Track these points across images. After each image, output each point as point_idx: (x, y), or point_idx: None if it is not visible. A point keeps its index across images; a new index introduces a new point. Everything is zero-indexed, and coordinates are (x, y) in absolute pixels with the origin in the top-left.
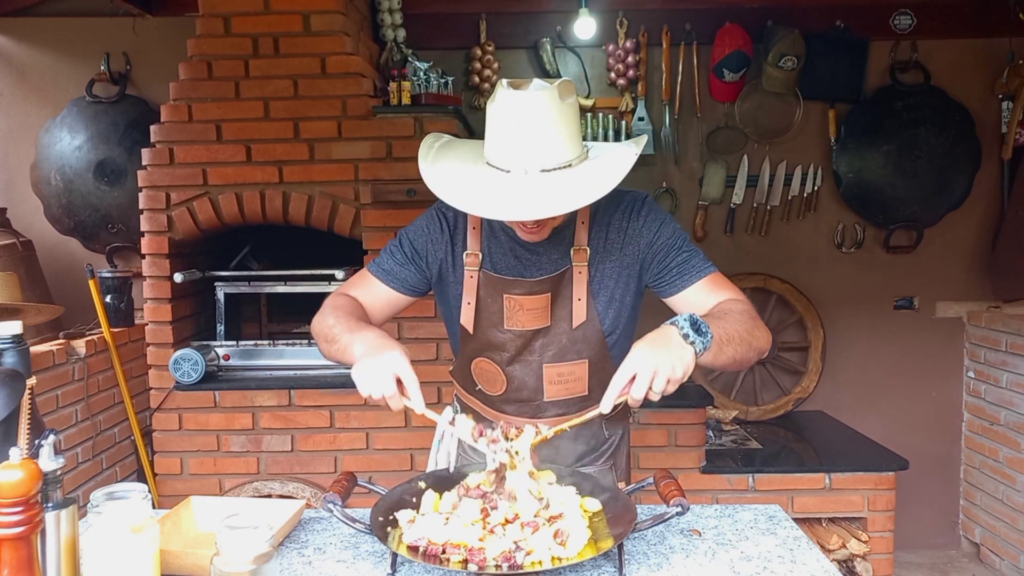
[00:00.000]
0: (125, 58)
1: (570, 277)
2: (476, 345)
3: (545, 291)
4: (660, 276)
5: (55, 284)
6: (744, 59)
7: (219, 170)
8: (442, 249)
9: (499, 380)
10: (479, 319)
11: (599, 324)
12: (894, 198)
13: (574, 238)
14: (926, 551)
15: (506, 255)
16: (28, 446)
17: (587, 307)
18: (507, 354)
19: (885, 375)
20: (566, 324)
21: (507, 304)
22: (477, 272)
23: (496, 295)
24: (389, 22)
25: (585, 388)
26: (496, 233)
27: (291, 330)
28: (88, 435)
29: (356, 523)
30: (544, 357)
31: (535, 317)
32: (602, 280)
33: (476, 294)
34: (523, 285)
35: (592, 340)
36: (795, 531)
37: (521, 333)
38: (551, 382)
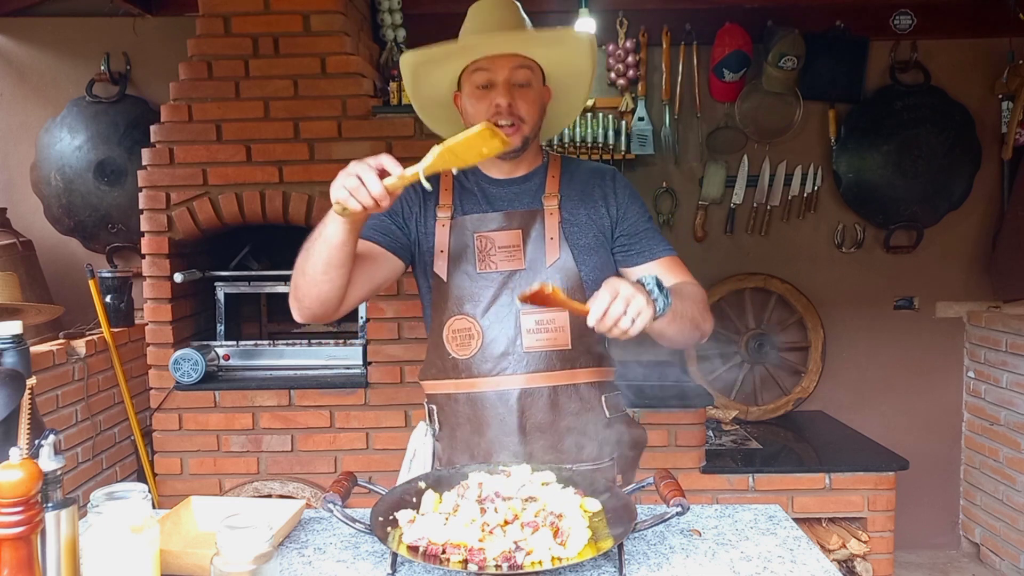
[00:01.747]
0: (125, 58)
1: (542, 217)
2: (450, 298)
3: (515, 227)
4: (628, 244)
5: (55, 284)
6: (744, 59)
7: (219, 170)
8: (417, 206)
9: (474, 335)
10: (452, 267)
11: (575, 266)
12: (894, 198)
13: (544, 187)
14: (926, 551)
15: (478, 203)
16: (28, 446)
17: (559, 246)
18: (482, 304)
19: (885, 375)
20: (540, 265)
21: (478, 243)
22: (449, 220)
23: (467, 236)
24: (389, 22)
25: (567, 341)
26: (467, 185)
27: (291, 330)
28: (88, 435)
29: (356, 523)
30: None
31: (508, 256)
32: (576, 226)
33: (448, 241)
34: (493, 220)
35: (570, 283)
36: (795, 531)
37: (495, 276)
38: (529, 331)
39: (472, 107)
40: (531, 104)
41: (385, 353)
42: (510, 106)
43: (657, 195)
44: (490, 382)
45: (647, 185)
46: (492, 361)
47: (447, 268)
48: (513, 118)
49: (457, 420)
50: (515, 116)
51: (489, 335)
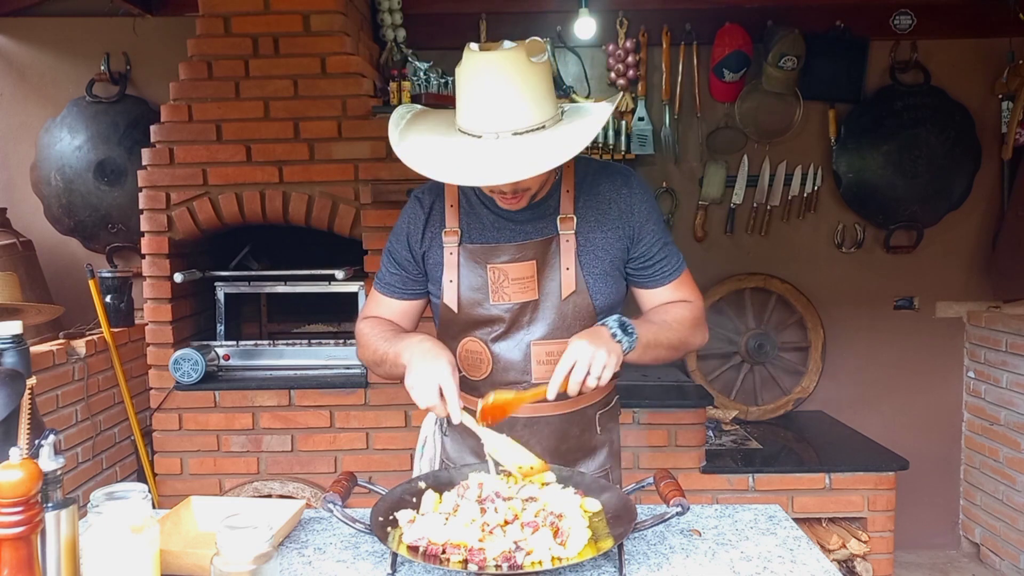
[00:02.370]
0: (125, 58)
1: (557, 246)
2: (461, 326)
3: (530, 258)
4: (643, 268)
5: (55, 284)
6: (744, 59)
7: (219, 170)
8: (420, 233)
9: (484, 361)
10: (463, 296)
11: (589, 298)
12: (894, 198)
13: (559, 207)
14: (926, 551)
15: (487, 229)
16: (28, 446)
17: (576, 277)
18: (494, 332)
19: (885, 375)
20: (555, 297)
21: (491, 275)
22: (457, 247)
23: (479, 267)
24: (389, 22)
25: None
26: (475, 208)
27: (291, 330)
28: (88, 435)
29: (356, 523)
30: (532, 334)
31: (522, 288)
32: (592, 251)
33: (457, 270)
34: (506, 251)
35: (583, 315)
36: (795, 531)
37: (508, 308)
38: (539, 361)
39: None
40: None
41: None
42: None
43: (657, 195)
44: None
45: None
46: (501, 387)
47: (458, 299)
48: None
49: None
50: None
51: (500, 363)
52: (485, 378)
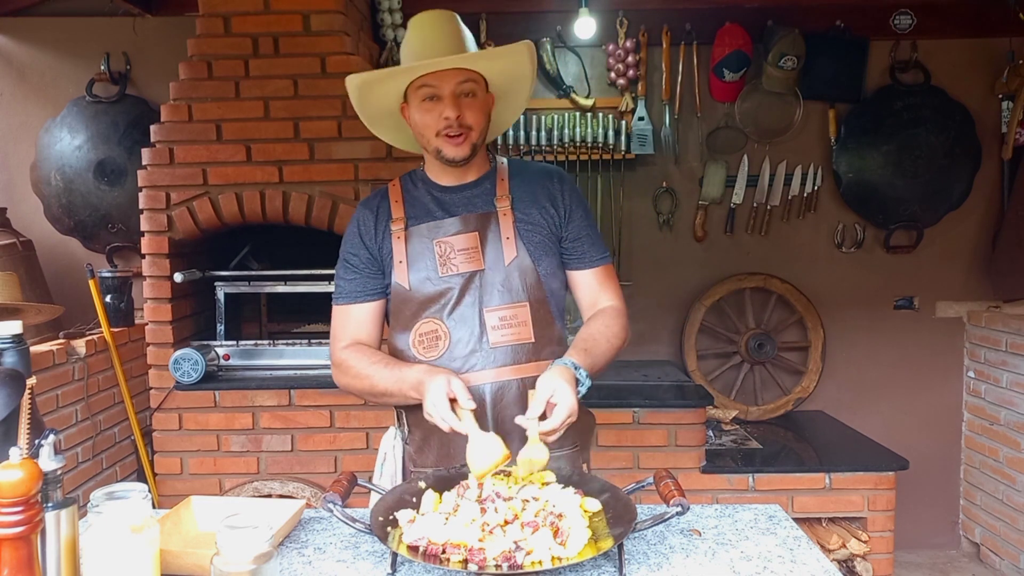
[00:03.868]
0: (125, 58)
1: (496, 219)
2: (415, 306)
3: (472, 229)
4: (571, 248)
5: (55, 284)
6: (744, 59)
7: (219, 170)
8: (372, 230)
9: (441, 337)
10: (412, 273)
11: (532, 263)
12: (894, 198)
13: (495, 189)
14: (926, 551)
15: (431, 210)
16: (28, 446)
17: (516, 245)
18: (447, 305)
19: (885, 375)
20: (500, 263)
21: (438, 249)
22: (403, 232)
23: (426, 243)
24: (389, 22)
25: (531, 335)
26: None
27: (291, 330)
28: (88, 435)
29: (356, 523)
30: (483, 301)
31: (468, 258)
32: (528, 224)
33: (406, 251)
34: (450, 225)
35: (529, 280)
36: (795, 531)
37: (457, 279)
38: (493, 327)
39: (420, 119)
40: (477, 113)
41: None
42: (459, 118)
43: (657, 195)
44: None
45: (647, 185)
46: (460, 360)
47: (407, 277)
48: (462, 129)
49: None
50: (463, 127)
51: (456, 335)
52: (444, 354)
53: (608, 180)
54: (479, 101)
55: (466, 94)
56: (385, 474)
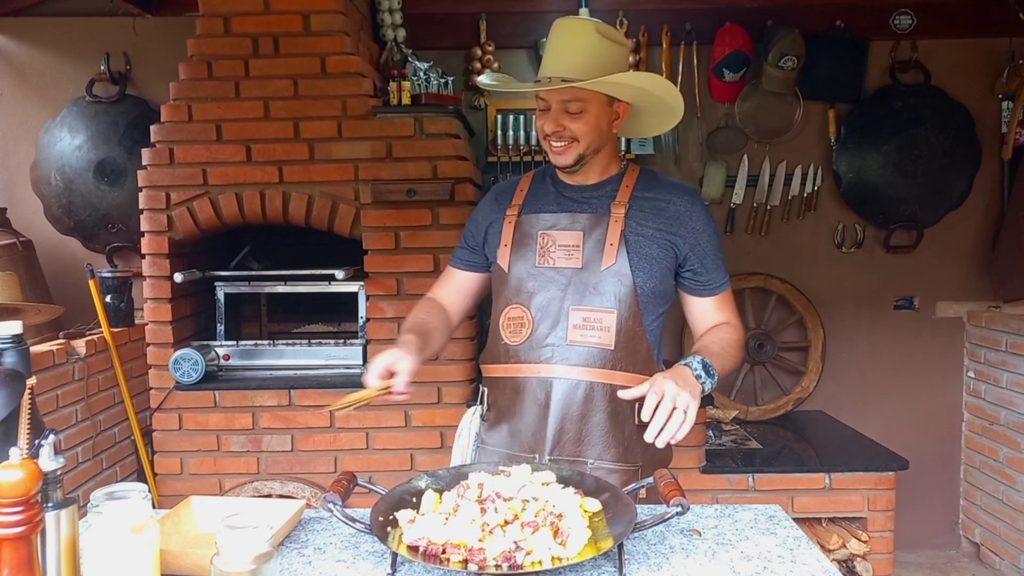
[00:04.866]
0: (125, 58)
1: (606, 223)
2: (510, 289)
3: (578, 228)
4: (696, 275)
5: (55, 284)
6: (744, 59)
7: (219, 170)
8: (488, 215)
9: (525, 324)
10: (514, 258)
11: (630, 273)
12: (894, 198)
13: (617, 194)
14: (926, 551)
15: (548, 203)
16: (28, 446)
17: (618, 252)
18: (537, 295)
19: (885, 375)
20: (596, 267)
21: (540, 240)
22: (516, 217)
23: (531, 232)
24: (389, 22)
25: (611, 341)
26: (544, 187)
27: (291, 330)
28: (88, 435)
29: (356, 523)
30: (571, 299)
31: (567, 255)
32: (640, 235)
33: (512, 235)
34: (558, 219)
35: (622, 289)
36: (795, 531)
37: (552, 272)
38: (575, 325)
39: (538, 123)
40: (584, 126)
41: None
42: (560, 130)
43: None
44: (532, 368)
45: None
46: (538, 350)
47: (508, 260)
48: (564, 139)
49: (504, 403)
50: (566, 137)
51: (539, 325)
52: (524, 341)
53: None
54: (588, 116)
55: (573, 111)
56: (458, 446)
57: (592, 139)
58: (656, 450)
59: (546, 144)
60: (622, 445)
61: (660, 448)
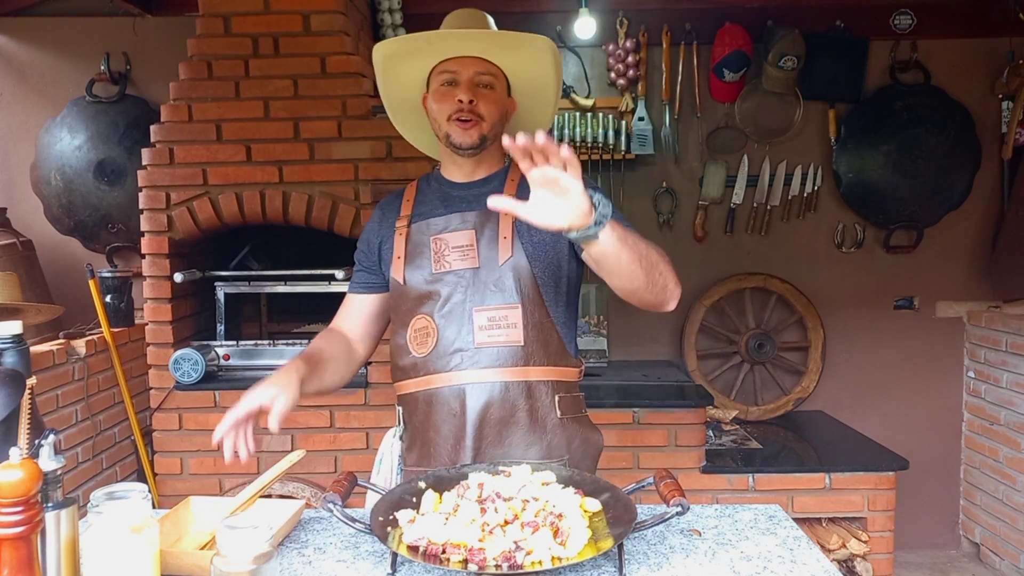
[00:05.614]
0: (125, 58)
1: (496, 217)
2: (410, 301)
3: (469, 227)
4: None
5: (55, 284)
6: (744, 59)
7: (219, 170)
8: (377, 232)
9: (430, 334)
10: (408, 268)
11: (528, 264)
12: (894, 198)
13: (504, 189)
14: (926, 551)
15: (436, 207)
16: (28, 446)
17: (512, 244)
18: (438, 302)
19: (885, 375)
20: (494, 263)
21: (434, 246)
22: (406, 228)
23: (424, 239)
24: (389, 22)
25: (520, 337)
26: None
27: (291, 330)
28: (88, 435)
29: (356, 523)
30: (473, 300)
31: (462, 256)
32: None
33: (404, 247)
34: (449, 221)
35: (523, 281)
36: (795, 531)
37: (450, 276)
38: (481, 327)
39: (436, 105)
40: (492, 105)
41: (385, 353)
42: (471, 103)
43: (657, 195)
44: (443, 378)
45: (647, 185)
46: (446, 358)
47: (403, 272)
48: (473, 115)
49: (418, 418)
50: (475, 113)
51: (444, 332)
52: (432, 351)
53: (608, 180)
54: (496, 95)
55: (483, 85)
56: (381, 473)
57: (496, 120)
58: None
59: (449, 124)
60: (544, 440)
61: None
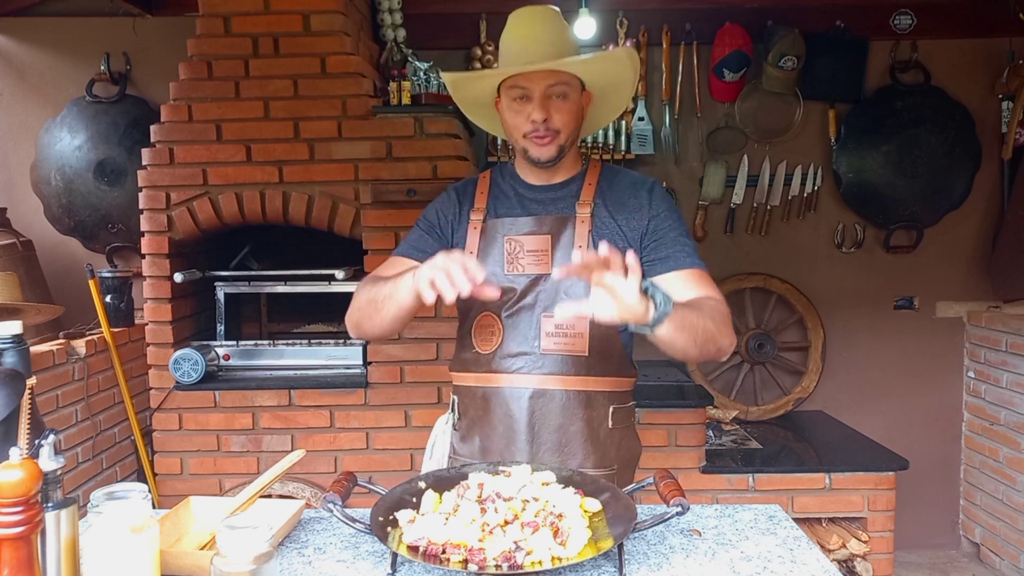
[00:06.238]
0: (125, 58)
1: (572, 225)
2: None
3: (545, 232)
4: (653, 249)
5: (55, 284)
6: (744, 59)
7: (219, 170)
8: (452, 213)
9: (496, 332)
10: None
11: None
12: (894, 198)
13: (580, 193)
14: (926, 551)
15: (512, 207)
16: (28, 446)
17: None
18: (507, 303)
19: (885, 375)
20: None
21: (507, 247)
22: (481, 223)
23: (497, 238)
24: (389, 22)
25: (585, 348)
26: (504, 189)
27: (291, 330)
28: (88, 435)
29: (356, 523)
30: (542, 306)
31: (536, 261)
32: (607, 235)
33: (478, 243)
34: (523, 223)
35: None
36: (795, 531)
37: (522, 279)
38: (547, 334)
39: (511, 119)
40: (567, 115)
41: (385, 353)
42: (546, 120)
43: None
44: (505, 378)
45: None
46: (509, 359)
47: None
48: (548, 131)
49: (475, 412)
50: (551, 130)
51: (509, 333)
52: (496, 350)
53: None
54: (570, 103)
55: (557, 96)
56: (434, 457)
57: (572, 129)
58: (627, 449)
59: (526, 141)
60: (600, 450)
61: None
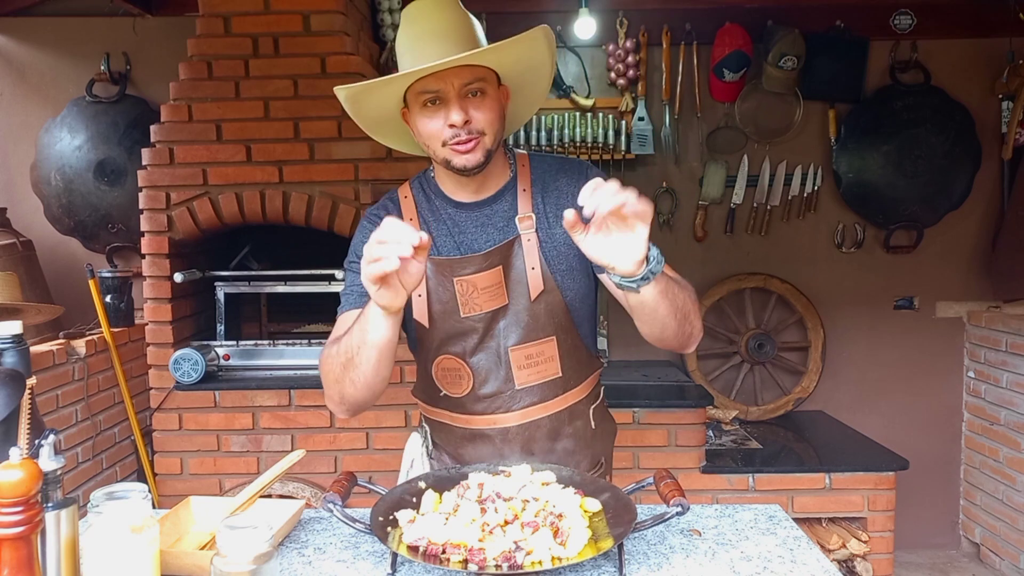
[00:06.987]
0: (125, 58)
1: (520, 246)
2: (435, 341)
3: (495, 264)
4: None
5: (55, 284)
6: (744, 59)
7: (219, 170)
8: None
9: (464, 377)
10: (433, 311)
11: (560, 295)
12: (894, 198)
13: (517, 206)
14: (926, 551)
15: (449, 235)
16: (28, 446)
17: (542, 275)
18: (469, 344)
19: (885, 375)
20: (524, 299)
21: (459, 288)
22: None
23: (446, 281)
24: (389, 22)
25: (558, 369)
26: (435, 211)
27: (291, 330)
28: (88, 435)
29: (356, 523)
30: (508, 340)
31: (491, 296)
32: (556, 248)
33: (426, 284)
34: (471, 262)
35: (556, 312)
36: (795, 531)
37: (480, 318)
38: (520, 367)
39: (424, 128)
40: (490, 112)
41: None
42: (467, 123)
43: (657, 195)
44: (486, 420)
45: (647, 185)
46: (485, 401)
47: (428, 314)
48: (471, 135)
49: (451, 448)
50: (473, 132)
51: (479, 376)
52: (468, 393)
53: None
54: (490, 99)
55: (474, 93)
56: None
57: (496, 128)
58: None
59: (446, 150)
60: (590, 451)
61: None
